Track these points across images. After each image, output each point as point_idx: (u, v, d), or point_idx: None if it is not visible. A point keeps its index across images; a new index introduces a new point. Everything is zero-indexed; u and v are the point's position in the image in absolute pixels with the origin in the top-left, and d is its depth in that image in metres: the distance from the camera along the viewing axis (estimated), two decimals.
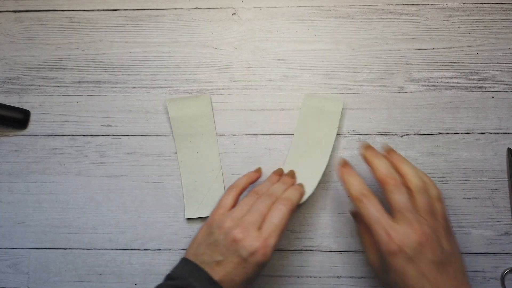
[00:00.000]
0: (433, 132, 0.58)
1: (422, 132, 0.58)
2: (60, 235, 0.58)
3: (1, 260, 0.58)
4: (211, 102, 0.59)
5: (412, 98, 0.59)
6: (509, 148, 0.57)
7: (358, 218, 0.55)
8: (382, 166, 0.48)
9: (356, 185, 0.48)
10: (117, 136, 0.59)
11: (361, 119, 0.59)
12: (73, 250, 0.58)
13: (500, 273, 0.55)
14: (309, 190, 0.54)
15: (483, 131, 0.58)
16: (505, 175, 0.57)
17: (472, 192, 0.57)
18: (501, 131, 0.58)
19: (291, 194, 0.51)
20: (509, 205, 0.57)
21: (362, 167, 0.53)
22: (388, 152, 0.51)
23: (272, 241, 0.47)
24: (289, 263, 0.57)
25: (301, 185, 0.54)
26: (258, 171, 0.57)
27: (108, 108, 0.60)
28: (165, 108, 0.59)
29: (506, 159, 0.57)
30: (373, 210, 0.46)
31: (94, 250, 0.58)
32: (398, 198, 0.46)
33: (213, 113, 0.59)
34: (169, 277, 0.48)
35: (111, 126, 0.60)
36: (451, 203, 0.57)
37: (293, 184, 0.54)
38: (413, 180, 0.47)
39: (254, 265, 0.46)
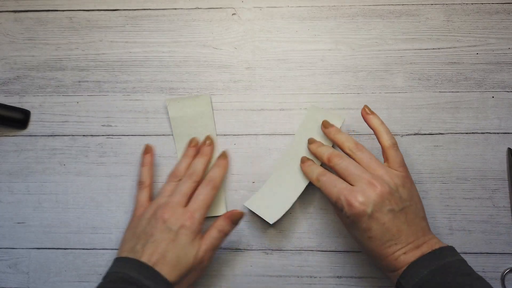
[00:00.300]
0: (433, 132, 0.58)
1: (422, 132, 0.58)
2: (60, 235, 0.58)
3: (1, 260, 0.58)
4: (211, 102, 0.59)
5: (412, 98, 0.59)
6: (509, 148, 0.57)
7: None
8: (322, 152, 0.52)
9: (313, 170, 0.52)
10: (117, 136, 0.59)
11: (361, 119, 0.58)
12: (73, 250, 0.58)
13: (500, 273, 0.55)
14: (295, 194, 0.54)
15: (483, 131, 0.58)
16: (505, 175, 0.57)
17: (472, 192, 0.57)
18: (501, 131, 0.58)
19: (214, 174, 0.54)
20: (509, 205, 0.57)
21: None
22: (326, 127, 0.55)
23: (198, 214, 0.50)
24: (289, 263, 0.57)
25: (224, 157, 0.56)
26: (148, 150, 0.57)
27: (108, 108, 0.60)
28: (165, 108, 0.59)
29: (506, 159, 0.57)
30: (330, 183, 0.49)
31: (94, 250, 0.58)
32: (345, 164, 0.49)
33: (213, 113, 0.59)
34: (103, 278, 0.48)
35: (111, 126, 0.60)
36: (451, 203, 0.57)
37: (211, 152, 0.56)
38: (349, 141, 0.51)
39: (184, 238, 0.48)
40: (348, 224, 0.49)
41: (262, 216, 0.54)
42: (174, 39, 0.61)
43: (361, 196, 0.46)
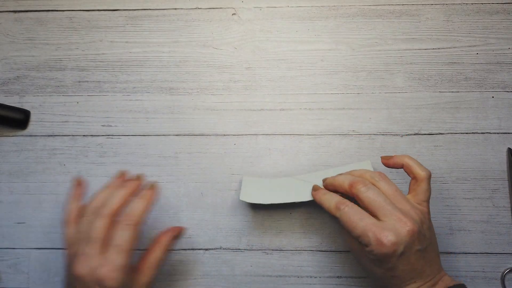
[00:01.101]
0: (433, 132, 0.58)
1: (422, 132, 0.58)
2: (60, 235, 0.58)
3: (1, 260, 0.58)
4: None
5: (412, 98, 0.59)
6: (509, 148, 0.57)
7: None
8: (341, 181, 0.48)
9: (331, 199, 0.48)
10: (117, 136, 0.59)
11: (361, 119, 0.59)
12: None
13: (500, 273, 0.55)
14: (294, 198, 0.53)
15: (483, 131, 0.58)
16: (505, 175, 0.57)
17: (472, 192, 0.57)
18: (501, 131, 0.58)
19: (134, 209, 0.47)
20: (509, 205, 0.57)
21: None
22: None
23: (118, 264, 0.44)
24: (289, 263, 0.57)
25: (151, 188, 0.49)
26: (79, 183, 0.53)
27: (108, 108, 0.60)
28: (165, 108, 0.59)
29: (506, 159, 0.57)
30: (354, 214, 0.45)
31: None
32: (372, 194, 0.46)
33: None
34: None
35: (111, 126, 0.60)
36: (451, 203, 0.57)
37: (137, 187, 0.49)
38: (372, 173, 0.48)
39: None
40: (369, 260, 0.45)
41: (256, 201, 0.53)
42: (174, 39, 0.61)
43: (393, 235, 0.43)
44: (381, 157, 0.51)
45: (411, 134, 0.58)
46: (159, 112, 0.60)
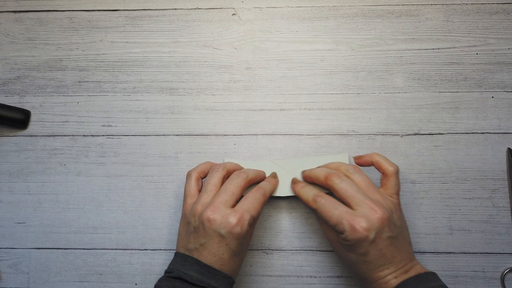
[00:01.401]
0: (433, 132, 0.58)
1: (422, 132, 0.58)
2: (61, 235, 0.58)
3: (2, 260, 0.58)
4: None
5: (412, 98, 0.59)
6: (509, 148, 0.57)
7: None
8: (317, 173, 0.52)
9: (309, 191, 0.52)
10: (118, 136, 0.59)
11: (361, 119, 0.59)
12: (74, 250, 0.58)
13: (500, 273, 0.55)
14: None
15: (483, 131, 0.58)
16: (505, 175, 0.57)
17: (472, 192, 0.57)
18: (501, 131, 0.58)
19: (265, 184, 0.53)
20: (509, 205, 0.57)
21: (364, 169, 0.53)
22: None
23: (246, 216, 0.48)
24: (289, 263, 0.57)
25: (275, 176, 0.56)
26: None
27: (109, 108, 0.60)
28: (165, 108, 0.60)
29: (506, 159, 0.57)
30: (329, 205, 0.49)
31: (94, 250, 0.58)
32: (345, 185, 0.49)
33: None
34: (165, 272, 0.49)
35: (111, 126, 0.60)
36: (451, 203, 0.57)
37: (273, 184, 0.55)
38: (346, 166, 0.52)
39: (235, 239, 0.47)
40: (344, 246, 0.48)
41: None
42: (174, 39, 0.61)
43: (365, 221, 0.46)
44: (353, 157, 0.54)
45: (411, 134, 0.58)
46: (159, 112, 0.60)
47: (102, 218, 0.58)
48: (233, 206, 0.49)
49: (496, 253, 0.56)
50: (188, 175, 0.54)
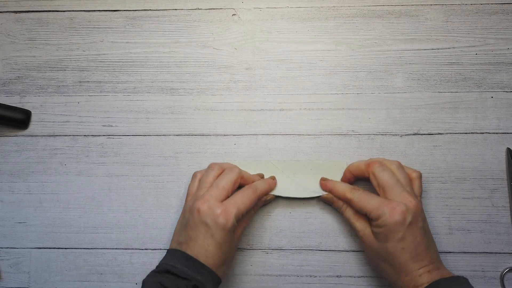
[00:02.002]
0: (433, 132, 0.58)
1: (422, 132, 0.58)
2: (61, 234, 0.58)
3: (2, 260, 0.58)
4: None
5: (412, 98, 0.59)
6: (508, 148, 0.58)
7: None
8: (357, 163, 0.55)
9: (344, 185, 0.54)
10: (118, 136, 0.60)
11: (361, 119, 0.59)
12: (74, 250, 0.58)
13: (499, 273, 0.56)
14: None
15: (482, 131, 0.58)
16: (504, 175, 0.57)
17: (471, 192, 0.57)
18: (500, 131, 0.58)
19: (260, 183, 0.54)
20: (508, 205, 0.57)
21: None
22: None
23: (233, 209, 0.49)
24: (289, 262, 0.57)
25: (273, 178, 0.57)
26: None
27: (109, 108, 0.60)
28: (165, 108, 0.60)
29: (505, 159, 0.58)
30: (366, 195, 0.51)
31: (95, 250, 0.58)
32: (386, 174, 0.51)
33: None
34: (155, 268, 0.50)
35: (112, 126, 0.60)
36: (450, 203, 0.57)
37: (269, 185, 0.56)
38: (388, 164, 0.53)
39: (219, 230, 0.48)
40: (380, 237, 0.49)
41: None
42: (175, 40, 0.61)
43: (403, 206, 0.48)
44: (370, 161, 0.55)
45: (410, 134, 0.58)
46: (159, 112, 0.60)
47: (103, 217, 0.58)
48: (224, 200, 0.50)
49: (495, 253, 0.56)
50: (194, 175, 0.55)
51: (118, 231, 0.58)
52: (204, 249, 0.48)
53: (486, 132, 0.58)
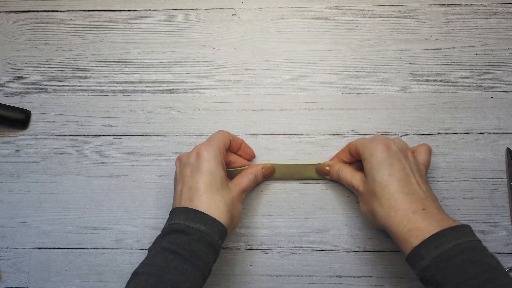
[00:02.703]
0: (432, 132, 0.58)
1: (421, 132, 0.58)
2: (61, 234, 0.58)
3: (2, 260, 0.58)
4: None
5: (411, 98, 0.59)
6: (508, 148, 0.58)
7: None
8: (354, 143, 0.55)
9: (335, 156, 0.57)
10: (118, 136, 0.60)
11: (360, 119, 0.59)
12: (74, 250, 0.58)
13: None
14: None
15: (482, 131, 0.58)
16: (504, 175, 0.57)
17: (471, 192, 0.57)
18: (500, 131, 0.58)
19: (258, 169, 0.56)
20: (508, 205, 0.57)
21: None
22: None
23: (210, 145, 0.51)
24: (288, 262, 0.57)
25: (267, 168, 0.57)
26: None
27: (109, 108, 0.60)
28: (165, 108, 0.60)
29: (505, 159, 0.58)
30: (358, 140, 0.54)
31: (94, 250, 0.58)
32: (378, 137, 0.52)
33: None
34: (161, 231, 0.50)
35: (111, 126, 0.60)
36: (450, 203, 0.57)
37: (263, 171, 0.57)
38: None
39: (202, 163, 0.49)
40: (371, 173, 0.49)
41: None
42: (174, 40, 0.61)
43: (389, 139, 0.51)
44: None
45: (410, 134, 0.58)
46: (159, 112, 0.60)
47: (103, 217, 0.58)
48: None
49: (495, 253, 0.55)
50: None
51: (118, 231, 0.58)
52: (196, 187, 0.48)
53: (486, 132, 0.58)
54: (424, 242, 0.44)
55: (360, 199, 0.53)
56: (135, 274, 0.45)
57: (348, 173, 0.54)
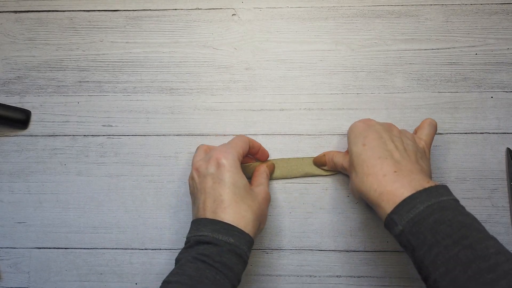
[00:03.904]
0: None
1: None
2: (61, 234, 0.58)
3: (2, 260, 0.58)
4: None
5: (411, 98, 0.59)
6: (508, 148, 0.58)
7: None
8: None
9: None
10: (118, 136, 0.60)
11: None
12: (74, 250, 0.58)
13: None
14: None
15: (482, 131, 0.58)
16: (504, 175, 0.57)
17: (471, 192, 0.57)
18: (500, 131, 0.58)
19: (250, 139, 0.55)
20: (508, 205, 0.57)
21: None
22: None
23: (229, 152, 0.50)
24: (288, 262, 0.57)
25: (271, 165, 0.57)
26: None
27: (109, 108, 0.60)
28: (165, 108, 0.60)
29: (505, 159, 0.58)
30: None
31: (94, 250, 0.58)
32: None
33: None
34: (185, 243, 0.49)
35: (111, 126, 0.60)
36: None
37: (267, 167, 0.57)
38: None
39: (224, 174, 0.48)
40: (350, 146, 0.50)
41: None
42: (174, 40, 0.61)
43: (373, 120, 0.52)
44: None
45: None
46: (159, 112, 0.60)
47: (103, 217, 0.58)
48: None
49: None
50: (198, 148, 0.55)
51: (118, 231, 0.58)
52: (220, 200, 0.47)
53: (486, 132, 0.58)
54: (396, 207, 0.43)
55: (350, 175, 0.53)
56: (166, 282, 0.45)
57: (341, 157, 0.55)
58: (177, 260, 0.47)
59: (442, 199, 0.43)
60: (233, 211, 0.47)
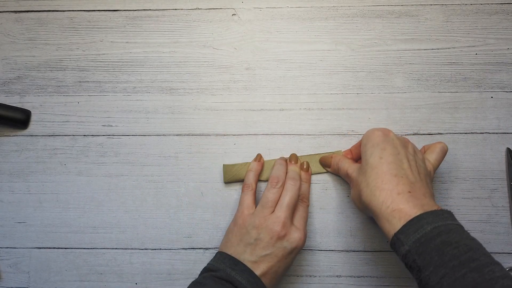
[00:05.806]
0: (432, 132, 0.58)
1: (421, 132, 0.58)
2: (61, 234, 0.58)
3: (2, 259, 0.58)
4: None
5: (411, 98, 0.59)
6: (508, 148, 0.58)
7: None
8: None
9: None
10: (118, 136, 0.60)
11: (360, 119, 0.59)
12: (74, 250, 0.58)
13: None
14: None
15: (482, 131, 0.58)
16: (504, 175, 0.57)
17: (471, 192, 0.57)
18: (500, 131, 0.58)
19: (305, 190, 0.56)
20: (508, 205, 0.57)
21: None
22: None
23: (305, 231, 0.52)
24: None
25: (307, 170, 0.57)
26: (260, 159, 0.58)
27: (109, 108, 0.60)
28: (165, 108, 0.60)
29: (505, 159, 0.58)
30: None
31: (94, 250, 0.58)
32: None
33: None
34: (207, 270, 0.50)
35: (111, 126, 0.60)
36: (450, 203, 0.57)
37: (300, 166, 0.57)
38: None
39: (293, 257, 0.51)
40: (365, 156, 0.50)
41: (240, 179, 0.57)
42: (174, 40, 0.61)
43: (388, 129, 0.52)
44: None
45: (410, 134, 0.58)
46: (159, 112, 0.60)
47: (103, 217, 0.58)
48: (292, 219, 0.52)
49: (495, 253, 0.56)
50: (245, 187, 0.55)
51: (118, 231, 0.58)
52: (274, 271, 0.49)
53: (486, 132, 0.58)
54: (403, 227, 0.44)
55: (351, 187, 0.53)
56: None
57: (347, 163, 0.55)
58: (203, 278, 0.48)
59: (449, 223, 0.44)
60: (271, 283, 0.50)
